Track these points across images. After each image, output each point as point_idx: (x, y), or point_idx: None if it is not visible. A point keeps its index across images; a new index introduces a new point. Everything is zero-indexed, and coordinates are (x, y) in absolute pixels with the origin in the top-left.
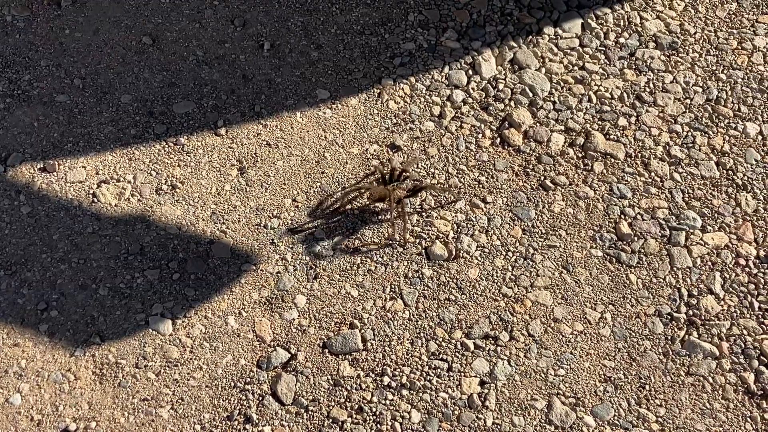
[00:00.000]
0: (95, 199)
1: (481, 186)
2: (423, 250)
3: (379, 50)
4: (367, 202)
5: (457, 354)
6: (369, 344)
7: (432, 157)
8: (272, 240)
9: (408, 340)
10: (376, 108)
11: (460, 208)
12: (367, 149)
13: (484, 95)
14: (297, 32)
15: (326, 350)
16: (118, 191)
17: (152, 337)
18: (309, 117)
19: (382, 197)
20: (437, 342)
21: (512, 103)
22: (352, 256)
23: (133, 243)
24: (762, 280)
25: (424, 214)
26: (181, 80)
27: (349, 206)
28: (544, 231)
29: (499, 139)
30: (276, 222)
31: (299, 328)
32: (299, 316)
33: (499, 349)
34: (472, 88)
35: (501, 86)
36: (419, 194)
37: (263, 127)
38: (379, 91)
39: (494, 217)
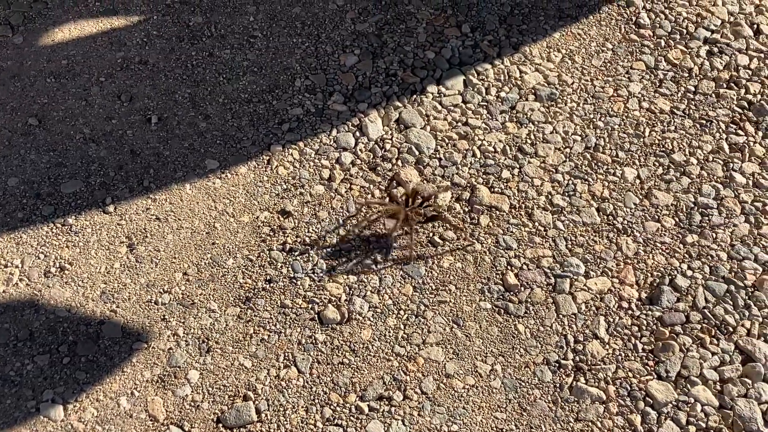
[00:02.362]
0: None
1: (371, 246)
2: (316, 315)
3: (267, 117)
4: (379, 218)
5: (351, 418)
6: (263, 415)
7: (323, 220)
8: (163, 316)
9: (302, 407)
10: (266, 175)
11: (352, 269)
12: (257, 217)
13: (371, 156)
14: (184, 104)
15: (220, 425)
16: (6, 277)
17: (44, 424)
18: (198, 188)
19: (396, 215)
20: (332, 407)
21: (399, 162)
22: (245, 325)
23: (22, 329)
24: (644, 322)
25: (315, 278)
26: (68, 159)
27: (366, 229)
28: (434, 287)
29: (388, 199)
30: (167, 297)
31: (192, 404)
32: (192, 391)
33: (393, 409)
34: (360, 150)
35: (388, 146)
36: (432, 223)
37: (152, 201)
38: (268, 157)
39: (385, 277)
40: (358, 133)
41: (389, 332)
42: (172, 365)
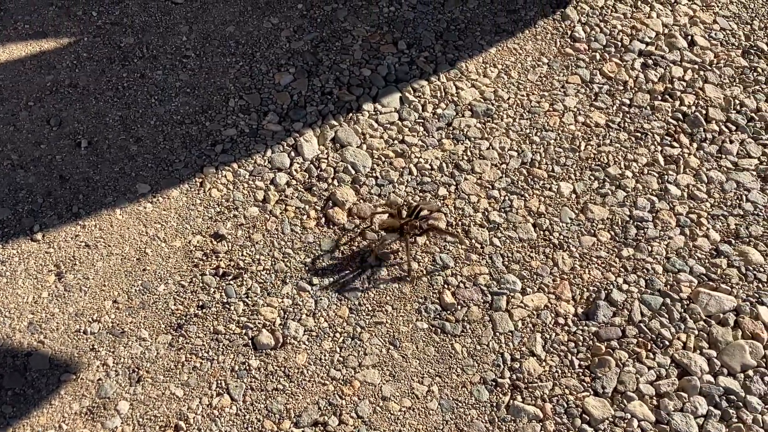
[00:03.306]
0: None
1: (307, 268)
2: (249, 341)
3: (200, 139)
4: (376, 230)
5: None
6: None
7: (257, 243)
8: (92, 346)
9: None
10: (199, 198)
11: (287, 293)
12: (190, 241)
13: (307, 176)
14: (115, 127)
15: None
16: None
17: None
18: (129, 213)
19: (392, 228)
20: None
21: (335, 182)
22: (177, 353)
23: None
24: (581, 338)
25: (249, 302)
26: None
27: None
28: (370, 308)
29: (324, 219)
30: (96, 326)
31: None
32: (122, 423)
33: None
34: (296, 170)
35: (324, 166)
36: (426, 234)
37: (82, 228)
38: (201, 180)
39: (321, 299)
40: (293, 153)
41: (325, 356)
42: (102, 396)
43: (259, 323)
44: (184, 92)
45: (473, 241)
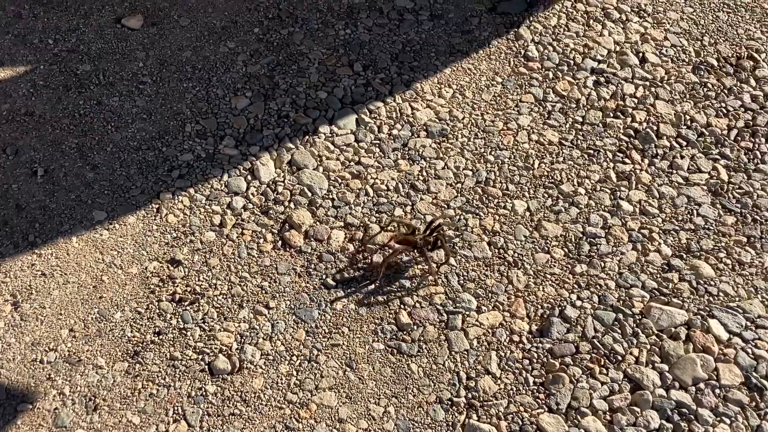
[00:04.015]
0: None
1: (264, 292)
2: (206, 366)
3: (156, 164)
4: (392, 244)
5: None
6: None
7: (214, 268)
8: (49, 375)
9: None
10: (155, 224)
11: (244, 317)
12: (146, 267)
13: (264, 199)
14: (72, 155)
15: None
16: None
17: None
18: (86, 241)
19: (407, 242)
20: None
21: (292, 205)
22: (134, 380)
23: None
24: (535, 355)
25: (206, 327)
26: None
27: (371, 255)
28: (327, 330)
29: (280, 242)
30: (53, 355)
31: None
32: None
33: None
34: (252, 194)
35: (280, 189)
36: (436, 248)
37: (38, 256)
38: (157, 206)
39: (278, 322)
40: (249, 177)
41: (281, 379)
42: (58, 426)
43: (215, 348)
44: (140, 118)
45: (429, 260)
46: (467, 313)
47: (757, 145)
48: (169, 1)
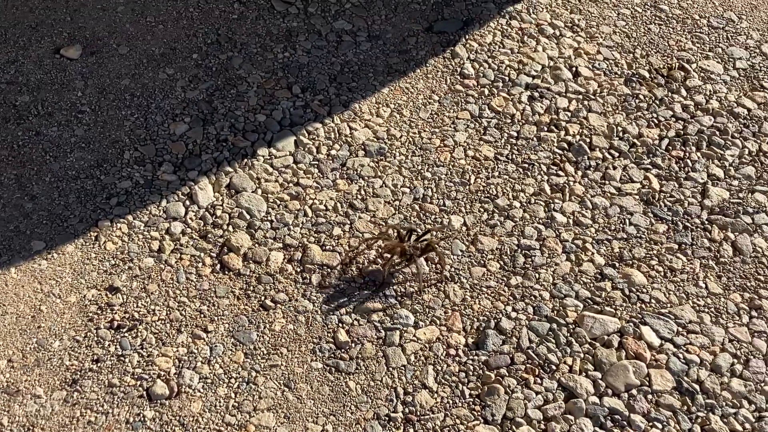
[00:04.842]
0: None
1: (202, 316)
2: (144, 392)
3: (95, 193)
4: (378, 254)
5: None
6: None
7: (152, 294)
8: None
9: None
10: (94, 252)
11: (182, 342)
12: (85, 296)
13: (202, 224)
14: (10, 186)
15: None
16: None
17: None
18: (24, 271)
19: (393, 250)
20: None
21: (230, 228)
22: (72, 408)
23: None
24: (471, 367)
25: (144, 353)
26: None
27: (359, 261)
28: (266, 352)
29: (219, 266)
30: None
31: None
32: None
33: None
34: (191, 218)
35: (219, 212)
36: (426, 252)
37: None
38: (96, 234)
39: (216, 346)
40: (188, 202)
41: (220, 402)
42: None
43: (153, 374)
44: (79, 147)
45: (367, 278)
46: (405, 328)
47: (687, 154)
48: (108, 30)
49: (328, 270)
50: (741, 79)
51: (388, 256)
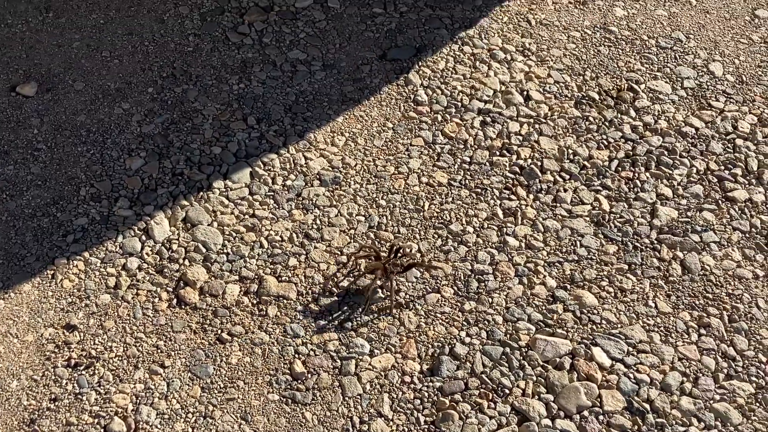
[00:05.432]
0: None
1: (159, 351)
2: (102, 430)
3: (51, 230)
4: (361, 273)
5: None
6: None
7: (109, 330)
8: None
9: None
10: (51, 290)
11: (139, 378)
12: (42, 334)
13: (158, 258)
14: None
15: None
16: None
17: None
18: None
19: (376, 270)
20: None
21: (187, 262)
22: None
23: None
24: (426, 394)
25: (102, 390)
26: None
27: (344, 282)
28: (222, 385)
29: (175, 300)
30: None
31: None
32: None
33: None
34: (147, 254)
35: (175, 247)
36: (410, 271)
37: None
38: (52, 272)
39: (173, 381)
40: (144, 237)
41: None
42: None
43: (111, 411)
44: (35, 185)
45: (322, 308)
46: (360, 357)
47: (637, 174)
48: (64, 66)
49: (285, 301)
50: (689, 98)
51: (372, 276)
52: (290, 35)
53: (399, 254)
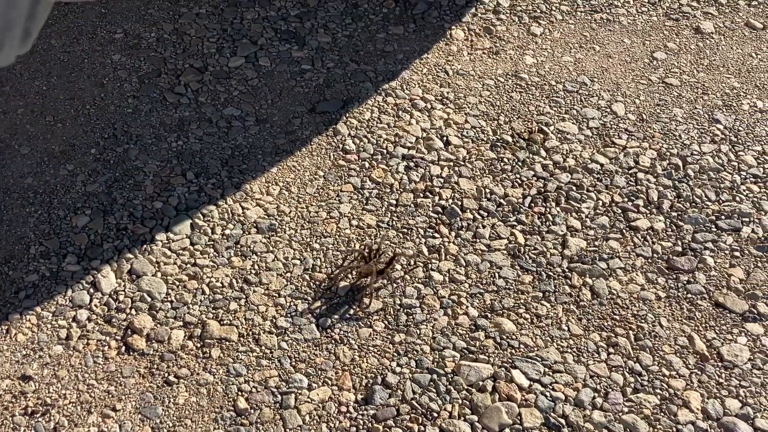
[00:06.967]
0: None
1: (111, 396)
2: None
3: (4, 288)
4: (354, 279)
5: None
6: None
7: (62, 379)
8: None
9: None
10: (6, 344)
11: (93, 422)
12: None
13: (106, 309)
14: None
15: None
16: None
17: None
18: None
19: (369, 273)
20: None
21: (133, 311)
22: None
23: None
24: (361, 422)
25: None
26: None
27: (342, 283)
28: (171, 424)
29: (124, 347)
30: None
31: None
32: None
33: None
34: (95, 305)
35: (122, 297)
36: (392, 264)
37: None
38: (7, 327)
39: (125, 423)
40: (92, 290)
41: None
42: None
43: None
44: None
45: (263, 347)
46: (299, 391)
47: (548, 209)
48: (9, 132)
49: (227, 343)
50: (594, 137)
51: (366, 280)
52: (224, 93)
53: (379, 253)
